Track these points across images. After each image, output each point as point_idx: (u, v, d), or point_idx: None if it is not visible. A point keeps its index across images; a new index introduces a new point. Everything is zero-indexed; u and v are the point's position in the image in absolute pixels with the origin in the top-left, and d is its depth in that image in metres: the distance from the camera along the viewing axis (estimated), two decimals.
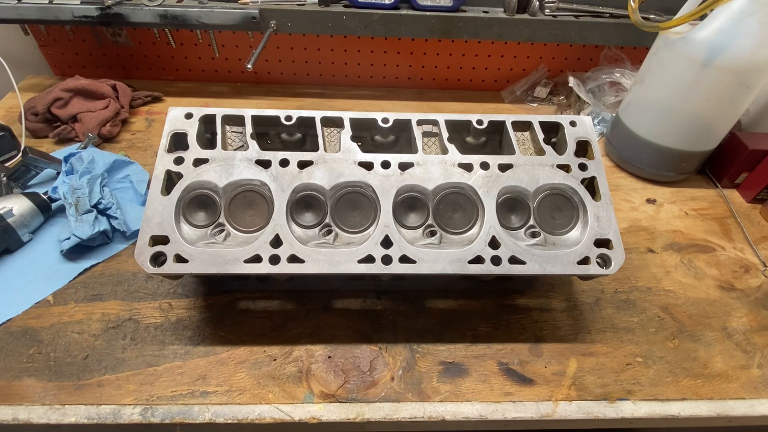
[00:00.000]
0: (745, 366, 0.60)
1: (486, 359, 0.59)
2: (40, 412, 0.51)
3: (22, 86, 0.99)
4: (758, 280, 0.71)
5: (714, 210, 0.82)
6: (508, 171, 0.58)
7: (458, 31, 0.91)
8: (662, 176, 0.86)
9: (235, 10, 0.86)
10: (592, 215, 0.56)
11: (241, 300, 0.63)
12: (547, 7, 0.92)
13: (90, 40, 0.99)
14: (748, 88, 0.72)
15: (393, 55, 1.05)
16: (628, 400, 0.56)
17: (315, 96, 1.06)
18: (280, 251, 0.52)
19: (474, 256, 0.53)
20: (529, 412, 0.54)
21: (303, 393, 0.54)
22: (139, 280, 0.64)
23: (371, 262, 0.52)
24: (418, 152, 0.59)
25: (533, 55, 1.06)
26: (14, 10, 0.83)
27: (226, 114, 0.60)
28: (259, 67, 1.06)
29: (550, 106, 1.05)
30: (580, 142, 0.61)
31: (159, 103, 1.00)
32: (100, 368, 0.55)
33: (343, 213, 0.57)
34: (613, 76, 0.98)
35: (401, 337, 0.60)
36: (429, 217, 0.58)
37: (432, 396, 0.55)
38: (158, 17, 0.86)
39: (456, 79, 1.10)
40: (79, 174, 0.70)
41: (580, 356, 0.60)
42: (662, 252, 0.74)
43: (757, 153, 0.80)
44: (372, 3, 0.89)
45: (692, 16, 0.68)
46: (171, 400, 0.53)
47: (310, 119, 0.62)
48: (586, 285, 0.68)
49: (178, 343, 0.58)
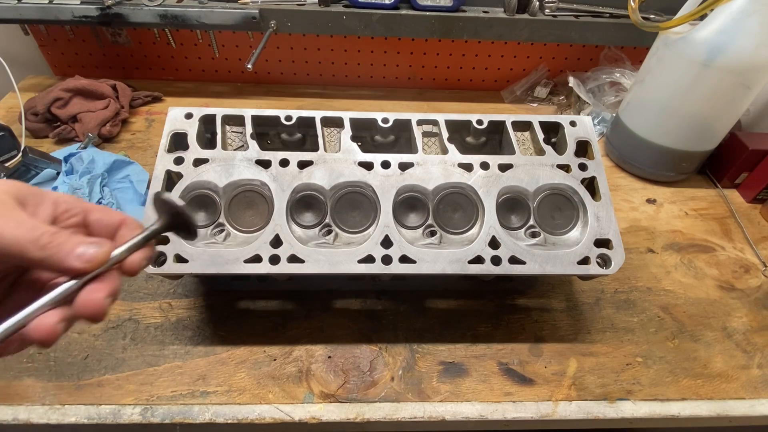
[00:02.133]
0: (745, 366, 0.60)
1: (486, 359, 0.59)
2: (40, 412, 0.51)
3: (22, 86, 0.99)
4: (758, 280, 0.71)
5: (714, 210, 0.82)
6: (508, 171, 0.58)
7: (458, 31, 0.91)
8: (662, 176, 0.86)
9: (235, 10, 0.86)
10: (592, 215, 0.56)
11: (241, 300, 0.63)
12: (547, 7, 0.92)
13: (90, 40, 0.99)
14: (748, 88, 0.72)
15: (393, 55, 1.05)
16: (628, 400, 0.56)
17: (315, 96, 1.06)
18: (280, 251, 0.52)
19: (474, 256, 0.53)
20: (529, 412, 0.54)
21: (303, 393, 0.54)
22: (139, 280, 0.64)
23: (371, 262, 0.52)
24: (418, 152, 0.59)
25: (533, 55, 1.06)
26: (14, 10, 0.83)
27: (226, 114, 0.60)
28: (259, 67, 1.06)
29: (550, 106, 1.05)
30: (580, 142, 0.61)
31: (159, 103, 1.00)
32: (100, 368, 0.55)
33: (343, 213, 0.57)
34: (613, 76, 0.98)
35: (401, 337, 0.60)
36: (429, 217, 0.58)
37: (432, 396, 0.55)
38: (158, 17, 0.86)
39: (456, 79, 1.10)
40: (79, 174, 0.70)
41: (580, 356, 0.60)
42: (662, 252, 0.74)
43: (757, 153, 0.80)
44: (372, 3, 0.89)
45: (692, 16, 0.68)
46: (171, 400, 0.53)
47: (310, 119, 0.62)
48: (586, 285, 0.68)
49: (178, 343, 0.58)
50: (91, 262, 0.25)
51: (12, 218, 0.25)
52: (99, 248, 0.26)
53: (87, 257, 0.25)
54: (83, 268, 0.25)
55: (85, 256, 0.25)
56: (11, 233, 0.24)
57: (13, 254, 0.24)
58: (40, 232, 0.25)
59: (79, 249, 0.25)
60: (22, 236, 0.24)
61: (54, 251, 0.25)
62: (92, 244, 0.26)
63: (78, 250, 0.25)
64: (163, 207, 0.31)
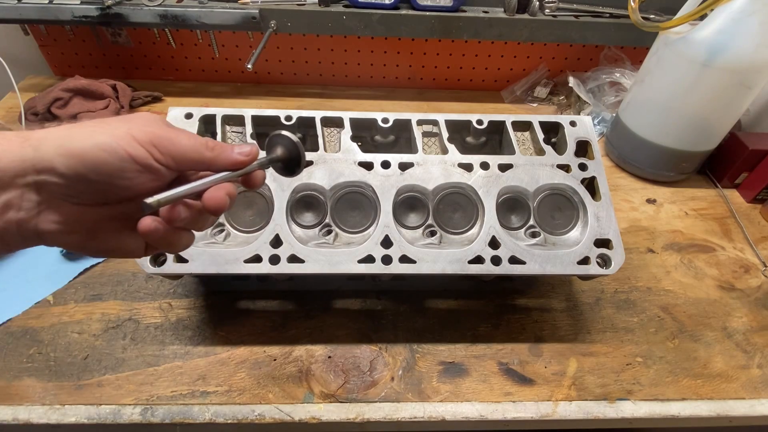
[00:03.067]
0: (745, 366, 0.60)
1: (486, 359, 0.59)
2: (40, 412, 0.51)
3: (22, 86, 0.99)
4: (758, 280, 0.71)
5: (714, 210, 0.82)
6: (508, 171, 0.58)
7: (458, 31, 0.91)
8: (662, 176, 0.86)
9: (235, 10, 0.86)
10: (592, 215, 0.56)
11: (241, 300, 0.63)
12: (547, 7, 0.92)
13: (90, 40, 0.99)
14: (748, 88, 0.72)
15: (393, 55, 1.05)
16: (628, 400, 0.56)
17: (315, 96, 1.06)
18: (280, 251, 0.52)
19: (474, 256, 0.53)
20: (529, 412, 0.54)
21: (303, 393, 0.54)
22: (139, 280, 0.64)
23: (371, 262, 0.52)
24: (418, 152, 0.59)
25: (533, 55, 1.06)
26: (14, 10, 0.83)
27: (226, 114, 0.60)
28: (259, 67, 1.06)
29: (550, 106, 1.05)
30: (580, 142, 0.61)
31: (159, 103, 1.00)
32: (100, 368, 0.55)
33: (343, 213, 0.57)
34: (613, 76, 0.98)
35: (401, 337, 0.60)
36: (429, 217, 0.58)
37: (432, 396, 0.55)
38: (158, 17, 0.86)
39: (456, 79, 1.10)
40: None
41: (580, 356, 0.60)
42: (662, 252, 0.74)
43: (757, 153, 0.80)
44: (372, 3, 0.89)
45: (692, 16, 0.68)
46: (171, 400, 0.53)
47: (310, 119, 0.62)
48: (586, 285, 0.68)
49: (178, 343, 0.58)
50: (249, 155, 0.33)
51: (182, 133, 0.31)
52: (251, 147, 0.34)
53: (246, 151, 0.33)
54: (244, 161, 0.33)
55: (244, 151, 0.33)
56: (187, 142, 0.31)
57: (191, 157, 0.31)
58: (206, 140, 0.32)
59: (237, 148, 0.33)
60: (195, 143, 0.31)
61: (220, 151, 0.32)
62: (246, 145, 0.34)
63: (237, 149, 0.33)
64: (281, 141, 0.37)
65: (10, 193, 0.27)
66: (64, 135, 0.27)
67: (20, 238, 0.28)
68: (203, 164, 0.32)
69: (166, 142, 0.29)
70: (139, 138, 0.28)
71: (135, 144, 0.28)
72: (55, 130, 0.28)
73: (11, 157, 0.26)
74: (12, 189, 0.27)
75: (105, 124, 0.29)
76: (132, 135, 0.28)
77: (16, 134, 0.27)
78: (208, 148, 0.31)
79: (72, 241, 0.30)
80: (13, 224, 0.27)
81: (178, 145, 0.30)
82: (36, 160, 0.26)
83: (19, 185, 0.27)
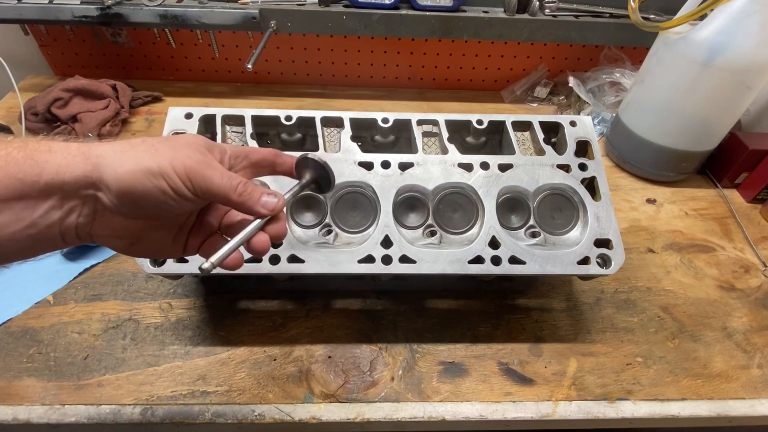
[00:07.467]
0: (745, 366, 0.60)
1: (486, 359, 0.59)
2: (40, 412, 0.51)
3: (22, 86, 0.99)
4: (758, 280, 0.71)
5: (714, 210, 0.82)
6: (508, 171, 0.58)
7: (458, 31, 0.91)
8: (662, 176, 0.86)
9: (235, 10, 0.86)
10: (592, 215, 0.56)
11: (241, 300, 0.63)
12: (547, 7, 0.92)
13: (90, 40, 0.99)
14: (748, 88, 0.72)
15: (393, 55, 1.05)
16: (628, 400, 0.56)
17: (315, 96, 1.06)
18: (280, 251, 0.52)
19: (474, 256, 0.53)
20: (529, 412, 0.54)
21: (303, 393, 0.54)
22: (139, 280, 0.64)
23: (371, 262, 0.52)
24: (418, 152, 0.59)
25: (533, 55, 1.06)
26: (14, 10, 0.83)
27: (226, 114, 0.60)
28: (259, 67, 1.06)
29: (550, 106, 1.05)
30: (580, 142, 0.61)
31: (159, 103, 1.00)
32: (100, 368, 0.55)
33: (343, 213, 0.57)
34: (613, 76, 0.98)
35: (401, 337, 0.60)
36: (429, 217, 0.58)
37: (432, 396, 0.55)
38: (158, 17, 0.85)
39: (456, 79, 1.10)
40: None
41: (580, 356, 0.60)
42: (662, 252, 0.74)
43: (757, 153, 0.80)
44: (372, 3, 0.89)
45: (692, 16, 0.68)
46: (171, 400, 0.53)
47: (310, 119, 0.62)
48: (586, 285, 0.68)
49: (178, 343, 0.58)
50: (272, 210, 0.36)
51: (216, 170, 0.33)
52: (277, 201, 0.36)
53: (270, 207, 0.35)
54: (265, 214, 0.35)
55: (268, 205, 0.35)
56: (218, 182, 0.33)
57: (219, 198, 0.34)
58: (237, 182, 0.34)
59: (263, 198, 0.35)
60: (225, 185, 0.33)
61: (246, 198, 0.34)
62: (271, 196, 0.36)
63: (263, 200, 0.35)
64: (309, 164, 0.39)
65: (74, 202, 0.31)
66: (118, 158, 0.31)
67: (77, 238, 0.33)
68: (230, 206, 0.36)
69: (200, 179, 0.32)
70: (178, 170, 0.31)
71: (174, 176, 0.31)
72: (110, 148, 0.31)
73: (77, 172, 0.30)
74: (75, 198, 0.31)
75: (154, 150, 0.32)
76: (173, 166, 0.31)
77: (77, 149, 0.31)
78: (237, 193, 0.34)
79: (119, 244, 0.35)
80: (73, 227, 0.32)
81: (209, 183, 0.33)
82: (95, 178, 0.30)
83: (81, 196, 0.31)
